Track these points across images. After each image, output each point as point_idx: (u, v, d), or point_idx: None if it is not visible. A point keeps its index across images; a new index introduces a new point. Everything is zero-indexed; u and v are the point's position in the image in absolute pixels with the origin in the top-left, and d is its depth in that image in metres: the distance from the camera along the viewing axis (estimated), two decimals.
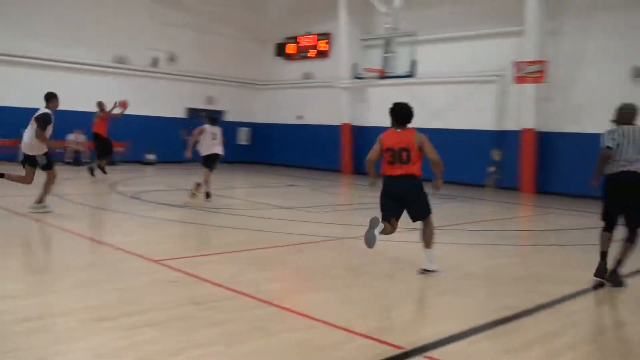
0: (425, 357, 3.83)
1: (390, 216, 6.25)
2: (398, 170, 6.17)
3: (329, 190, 16.09)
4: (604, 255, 6.25)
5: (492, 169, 17.31)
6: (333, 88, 21.91)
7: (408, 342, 4.04)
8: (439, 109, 19.08)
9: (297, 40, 23.88)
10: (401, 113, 6.33)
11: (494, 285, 6.26)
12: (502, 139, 17.83)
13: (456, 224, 9.99)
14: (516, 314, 4.91)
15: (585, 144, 16.22)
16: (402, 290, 5.60)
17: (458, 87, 18.76)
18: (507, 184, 17.36)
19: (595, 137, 16.77)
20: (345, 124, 21.79)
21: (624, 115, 6.31)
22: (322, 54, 23.09)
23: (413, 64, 15.11)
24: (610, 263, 6.16)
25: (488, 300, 5.62)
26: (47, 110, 8.99)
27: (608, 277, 6.15)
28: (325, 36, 22.94)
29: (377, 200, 6.34)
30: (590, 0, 16.21)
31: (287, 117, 24.32)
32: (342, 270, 6.51)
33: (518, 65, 16.42)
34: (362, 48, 17.48)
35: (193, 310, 4.60)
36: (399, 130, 6.31)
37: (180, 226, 9.16)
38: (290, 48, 24.13)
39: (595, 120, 16.08)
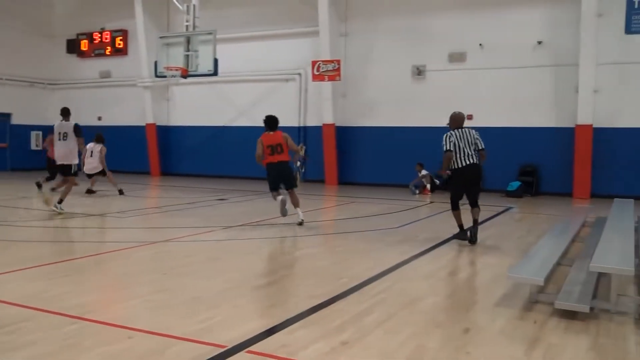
0: (248, 351, 3.93)
1: (277, 187, 9.63)
2: (277, 158, 9.51)
3: (137, 193, 15.48)
4: (462, 227, 8.13)
5: (298, 163, 18.04)
6: (134, 87, 21.07)
7: (229, 339, 4.11)
8: (245, 107, 19.38)
9: (92, 37, 22.51)
10: (272, 122, 9.70)
11: (305, 274, 6.59)
12: (306, 134, 18.69)
13: (266, 219, 10.27)
14: (328, 300, 5.22)
15: (378, 136, 17.73)
16: (218, 289, 5.64)
17: (261, 85, 19.22)
18: (313, 177, 18.24)
19: (386, 130, 18.44)
20: (149, 124, 21.09)
21: (455, 121, 8.01)
22: (119, 52, 22.06)
23: (215, 62, 15.13)
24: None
25: (301, 290, 5.90)
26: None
27: (470, 239, 7.98)
28: (121, 33, 21.93)
29: (185, 202, 6.32)
30: (374, 6, 17.67)
31: (86, 118, 22.66)
32: (156, 275, 6.35)
33: (315, 64, 17.32)
34: (162, 46, 17.07)
35: None
36: (272, 133, 9.59)
37: None
38: (84, 45, 22.67)
39: (385, 113, 17.66)
